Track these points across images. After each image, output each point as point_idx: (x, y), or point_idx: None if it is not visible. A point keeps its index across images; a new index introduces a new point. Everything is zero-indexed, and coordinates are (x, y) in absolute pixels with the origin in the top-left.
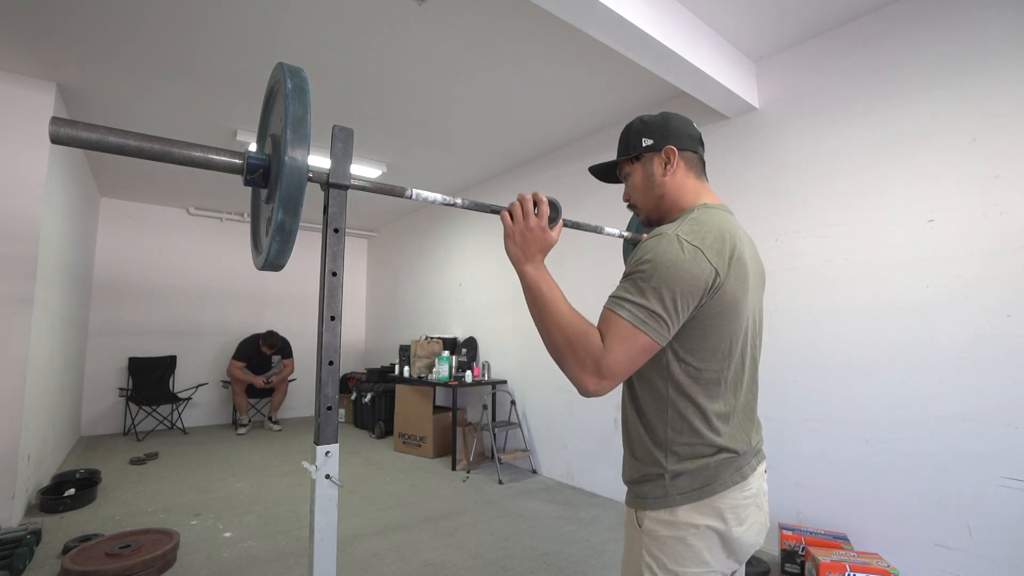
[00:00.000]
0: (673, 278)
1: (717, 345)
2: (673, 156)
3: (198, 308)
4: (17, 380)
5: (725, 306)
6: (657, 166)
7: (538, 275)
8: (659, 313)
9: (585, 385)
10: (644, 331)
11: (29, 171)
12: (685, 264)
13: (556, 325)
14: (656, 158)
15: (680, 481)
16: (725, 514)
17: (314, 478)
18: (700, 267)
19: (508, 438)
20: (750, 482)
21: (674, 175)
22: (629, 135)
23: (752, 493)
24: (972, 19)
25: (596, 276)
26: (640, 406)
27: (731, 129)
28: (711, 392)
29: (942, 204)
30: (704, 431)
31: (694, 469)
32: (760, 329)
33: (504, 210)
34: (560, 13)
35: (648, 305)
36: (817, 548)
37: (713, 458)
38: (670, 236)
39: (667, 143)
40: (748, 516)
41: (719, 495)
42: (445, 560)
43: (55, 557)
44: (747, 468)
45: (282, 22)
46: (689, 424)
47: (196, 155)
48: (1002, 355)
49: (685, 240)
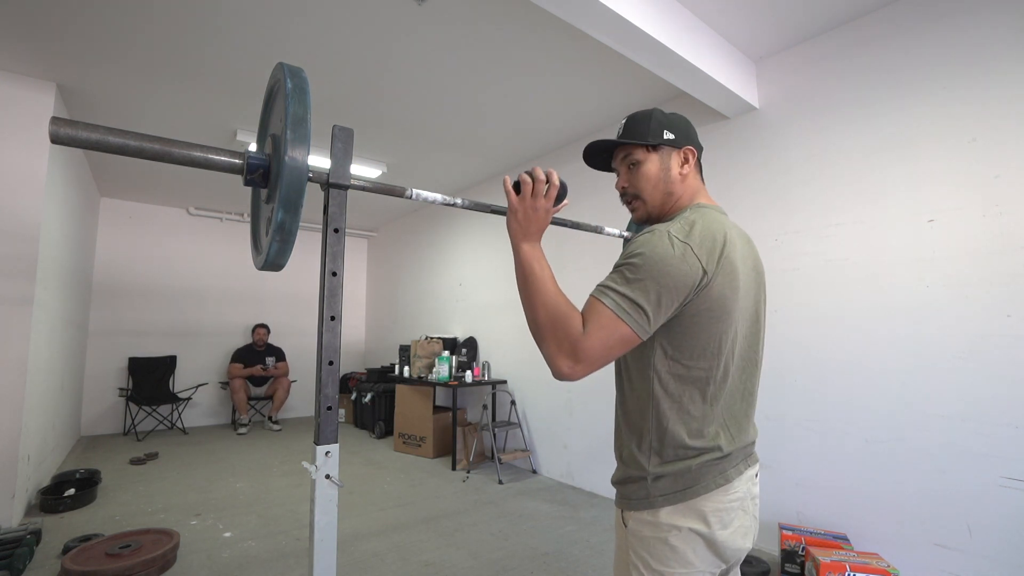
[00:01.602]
0: (660, 273)
1: (706, 344)
2: (692, 157)
3: (198, 308)
4: (17, 380)
5: (711, 304)
6: (675, 163)
7: (533, 254)
8: (642, 306)
9: (559, 367)
10: (625, 321)
11: (29, 171)
12: (674, 261)
13: (541, 303)
14: (675, 154)
15: (661, 483)
16: (708, 517)
17: (314, 478)
18: (688, 264)
19: (508, 438)
20: (735, 485)
21: (687, 176)
22: (649, 123)
23: (738, 497)
24: (972, 20)
25: (596, 276)
26: (627, 408)
27: (731, 129)
28: (698, 393)
29: (942, 204)
30: (685, 434)
31: (675, 472)
32: (759, 331)
33: (510, 180)
34: (560, 13)
35: (632, 296)
36: (817, 548)
37: (695, 460)
38: (661, 232)
39: (689, 143)
40: (733, 520)
41: (701, 497)
42: (445, 560)
43: (55, 557)
44: (732, 471)
45: (282, 22)
46: (672, 426)
47: (196, 155)
48: (1002, 355)
49: (676, 237)
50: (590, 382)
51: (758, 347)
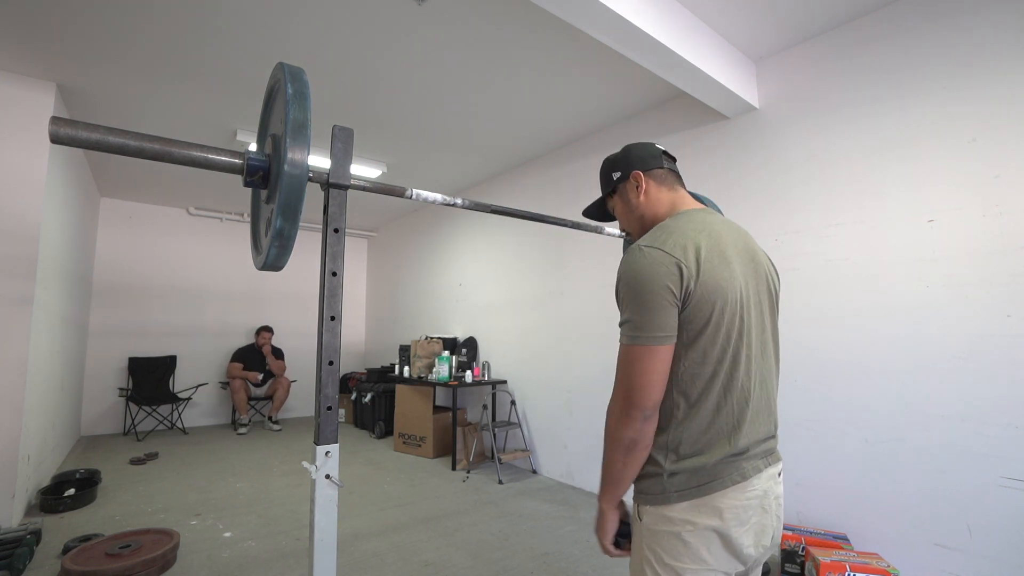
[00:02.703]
0: (639, 282)
1: (713, 335)
2: (640, 179)
3: (198, 308)
4: (17, 380)
5: (704, 292)
6: (631, 192)
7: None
8: (648, 320)
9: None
10: (647, 344)
11: (29, 171)
12: (646, 267)
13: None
14: (628, 185)
15: (677, 479)
16: (724, 514)
17: (314, 478)
18: (662, 263)
19: (508, 438)
20: (752, 483)
21: (647, 195)
22: (602, 175)
23: (756, 495)
24: (972, 20)
25: (596, 276)
26: None
27: (731, 129)
28: (710, 387)
29: (942, 204)
30: (700, 429)
31: (691, 468)
32: (771, 320)
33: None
34: (560, 13)
35: (635, 320)
36: (817, 548)
37: (712, 457)
38: (631, 250)
39: (632, 169)
40: (751, 517)
41: (717, 494)
42: (445, 560)
43: (55, 557)
44: (750, 469)
45: (282, 22)
46: (687, 422)
47: (196, 155)
48: (1002, 355)
49: (644, 247)
50: (590, 382)
51: (771, 342)
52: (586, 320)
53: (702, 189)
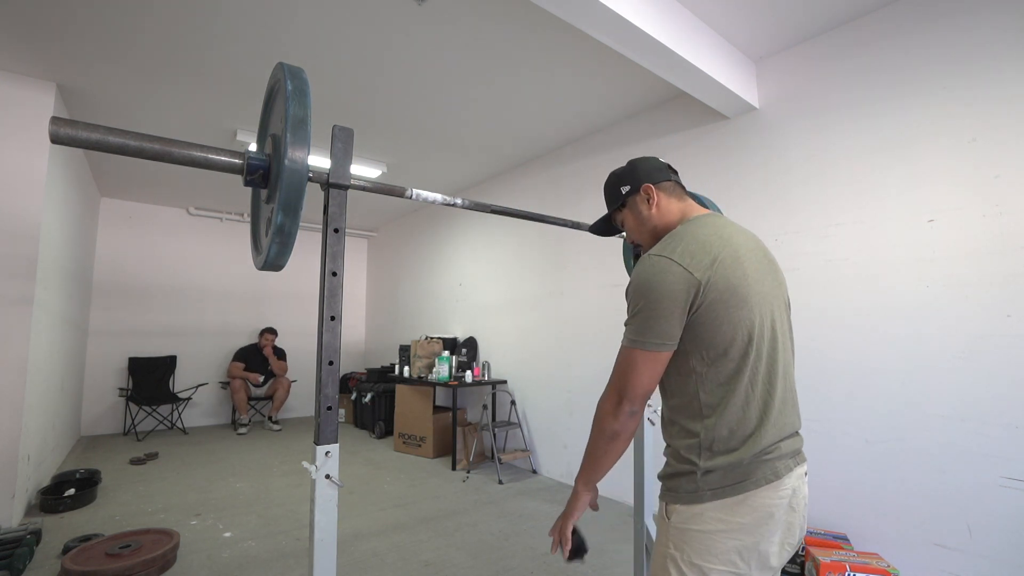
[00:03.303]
0: (648, 289)
1: (734, 334)
2: (651, 192)
3: (198, 308)
4: (17, 380)
5: (721, 294)
6: (642, 204)
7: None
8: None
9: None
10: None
11: (29, 171)
12: (654, 276)
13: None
14: (639, 198)
15: (712, 477)
16: (757, 513)
17: (314, 478)
18: (672, 273)
19: (508, 438)
20: (785, 482)
21: (659, 207)
22: (610, 190)
23: (787, 494)
24: (972, 20)
25: (596, 275)
26: (672, 406)
27: (731, 129)
28: (736, 384)
29: (942, 204)
30: (730, 427)
31: (726, 465)
32: (787, 321)
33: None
34: (560, 13)
35: (639, 325)
36: (817, 548)
37: (746, 452)
38: (643, 259)
39: (642, 183)
40: (781, 516)
41: (751, 493)
42: (445, 560)
43: (55, 557)
44: (782, 468)
45: (282, 22)
46: (717, 420)
47: (196, 155)
48: (1002, 355)
49: (655, 255)
50: (590, 382)
51: (787, 341)
52: (586, 320)
53: (702, 189)
